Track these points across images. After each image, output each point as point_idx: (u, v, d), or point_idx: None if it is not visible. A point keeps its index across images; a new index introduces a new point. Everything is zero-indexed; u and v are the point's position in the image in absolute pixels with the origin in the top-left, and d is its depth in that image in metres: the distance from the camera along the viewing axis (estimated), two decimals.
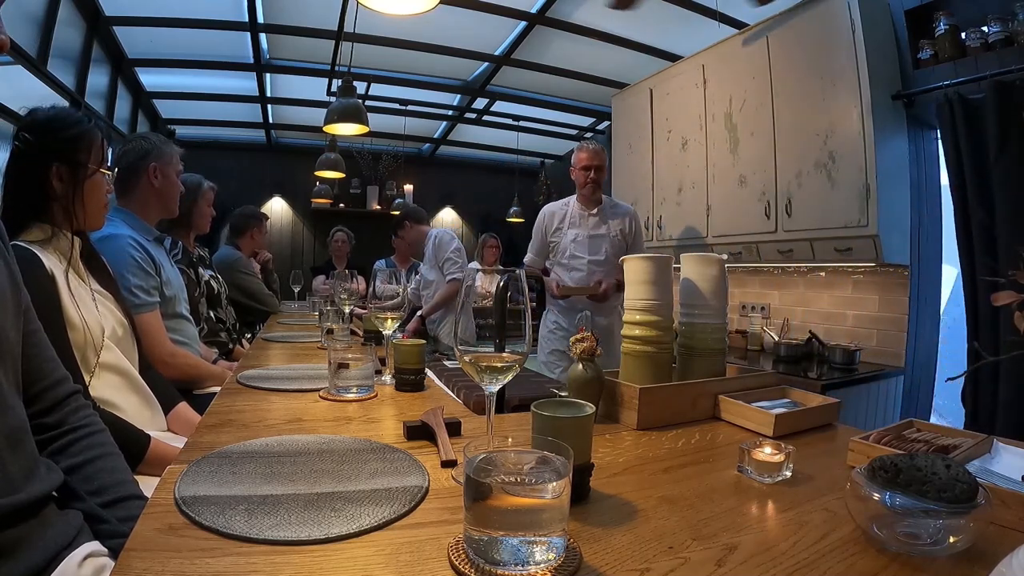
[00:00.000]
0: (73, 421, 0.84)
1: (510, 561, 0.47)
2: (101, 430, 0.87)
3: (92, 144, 1.14)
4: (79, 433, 0.83)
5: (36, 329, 0.82)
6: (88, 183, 1.14)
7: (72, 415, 0.85)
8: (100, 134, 1.16)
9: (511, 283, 0.69)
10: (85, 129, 1.14)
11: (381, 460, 0.74)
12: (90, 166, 1.13)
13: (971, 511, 0.51)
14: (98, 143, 1.15)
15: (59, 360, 0.87)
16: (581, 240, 2.56)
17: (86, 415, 0.87)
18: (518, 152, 5.81)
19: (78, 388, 0.89)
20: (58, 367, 0.86)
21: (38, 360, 0.82)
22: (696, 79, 3.19)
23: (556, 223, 2.62)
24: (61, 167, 1.10)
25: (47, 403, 0.82)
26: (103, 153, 1.17)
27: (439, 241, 3.17)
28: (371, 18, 2.67)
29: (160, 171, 1.70)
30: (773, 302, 3.13)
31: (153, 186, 1.69)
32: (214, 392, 1.48)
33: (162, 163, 1.71)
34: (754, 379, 1.13)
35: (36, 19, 2.59)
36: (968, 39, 2.12)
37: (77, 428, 0.84)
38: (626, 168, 3.83)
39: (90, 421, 0.87)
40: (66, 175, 1.11)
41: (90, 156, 1.14)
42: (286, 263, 5.38)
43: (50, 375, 0.83)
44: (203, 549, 0.50)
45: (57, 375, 0.85)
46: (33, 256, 1.02)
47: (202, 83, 4.29)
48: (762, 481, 0.71)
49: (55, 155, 1.10)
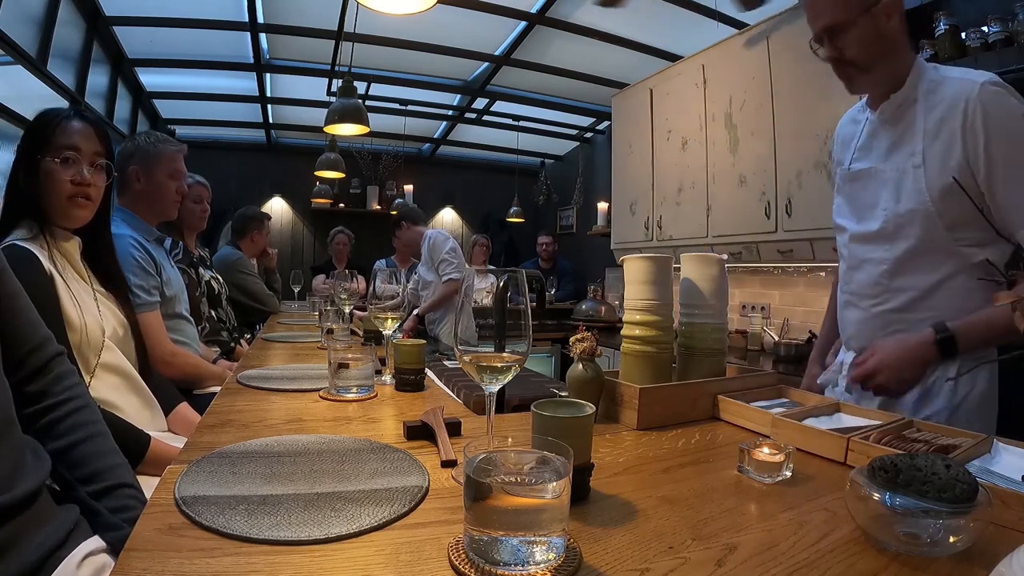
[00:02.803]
0: (57, 392, 0.82)
1: (510, 561, 0.47)
2: (86, 405, 0.85)
3: (45, 134, 1.10)
4: (64, 409, 0.81)
5: (12, 293, 0.79)
6: (42, 175, 1.09)
7: (55, 384, 0.82)
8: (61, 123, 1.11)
9: (511, 283, 0.69)
10: (44, 121, 1.12)
11: (381, 460, 0.74)
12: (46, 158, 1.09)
13: (971, 511, 0.51)
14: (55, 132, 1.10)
15: (41, 322, 0.84)
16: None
17: (70, 384, 0.85)
18: (518, 152, 5.81)
19: (61, 350, 0.86)
20: (38, 328, 0.83)
21: (15, 324, 0.79)
22: (696, 79, 3.18)
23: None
24: (22, 162, 1.10)
25: (29, 369, 0.80)
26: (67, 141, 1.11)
27: (434, 242, 3.19)
28: (371, 18, 2.67)
29: (141, 174, 1.67)
30: (773, 302, 3.13)
31: (135, 189, 1.67)
32: (214, 392, 1.48)
33: (145, 165, 1.67)
34: (754, 379, 1.13)
35: (36, 19, 2.59)
36: (968, 39, 2.11)
37: (62, 403, 0.81)
38: (626, 168, 3.83)
39: (74, 393, 0.84)
40: (23, 167, 1.10)
41: (45, 146, 1.10)
42: (286, 263, 5.37)
43: (30, 339, 0.81)
44: (203, 549, 0.50)
45: (37, 338, 0.82)
46: (31, 256, 1.03)
47: (202, 83, 4.29)
48: (762, 481, 0.71)
49: (20, 151, 1.10)
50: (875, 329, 1.16)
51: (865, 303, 1.18)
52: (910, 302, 1.10)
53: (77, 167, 1.12)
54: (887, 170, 1.12)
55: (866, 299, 1.17)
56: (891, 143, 1.13)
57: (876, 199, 1.14)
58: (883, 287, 1.14)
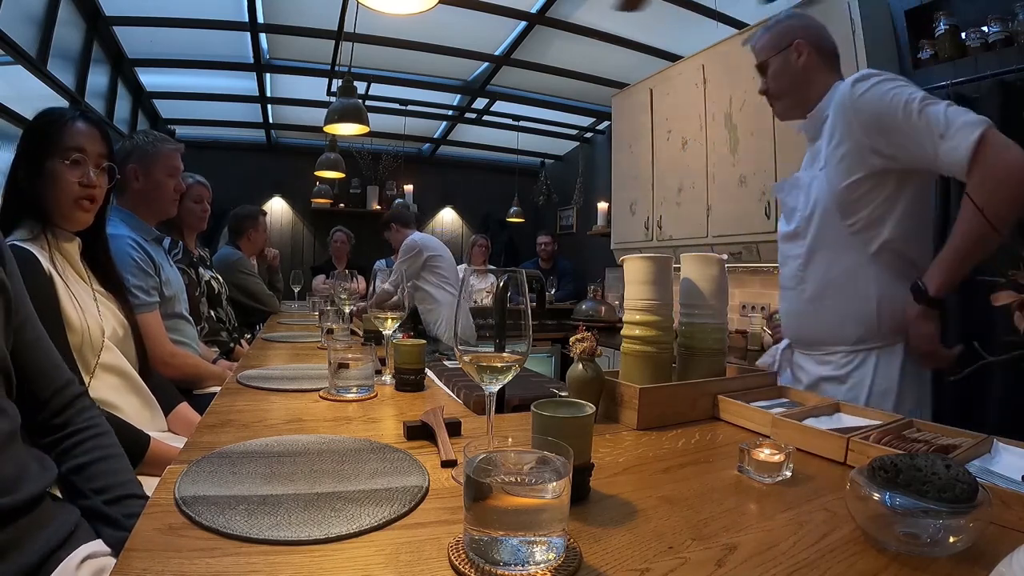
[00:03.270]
0: (79, 422, 0.85)
1: (510, 561, 0.47)
2: (106, 431, 0.89)
3: (48, 135, 1.09)
4: (85, 434, 0.85)
5: (39, 336, 0.83)
6: (47, 176, 1.09)
7: (77, 416, 0.86)
8: (68, 124, 1.11)
9: (511, 283, 0.69)
10: (45, 121, 1.11)
11: (381, 460, 0.74)
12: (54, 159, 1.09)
13: (971, 511, 0.51)
14: (62, 134, 1.10)
15: (64, 365, 0.88)
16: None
17: (91, 416, 0.88)
18: (518, 152, 5.81)
19: (83, 390, 0.90)
20: (63, 372, 0.87)
21: (45, 366, 0.83)
22: (696, 79, 3.18)
23: None
24: (22, 161, 1.10)
25: (55, 408, 0.83)
26: (74, 143, 1.11)
27: (403, 248, 3.24)
28: (371, 18, 2.67)
29: (139, 173, 1.66)
30: (773, 302, 3.13)
31: (134, 188, 1.66)
32: (214, 392, 1.48)
33: (143, 164, 1.66)
34: (754, 379, 1.13)
35: (36, 19, 2.59)
36: (968, 39, 2.11)
37: (83, 429, 0.85)
38: (626, 168, 3.83)
39: (95, 422, 0.88)
40: (24, 167, 1.10)
41: (50, 147, 1.09)
42: (286, 263, 5.36)
43: (57, 381, 0.85)
44: (203, 549, 0.50)
45: (63, 380, 0.86)
46: (31, 256, 1.02)
47: (202, 83, 4.29)
48: (762, 481, 0.71)
49: (20, 151, 1.10)
50: (798, 316, 1.33)
51: (789, 294, 1.36)
52: (820, 290, 1.26)
53: (84, 169, 1.12)
54: (803, 178, 1.32)
55: (789, 290, 1.35)
56: (811, 156, 1.33)
57: (796, 204, 1.33)
58: (799, 279, 1.31)
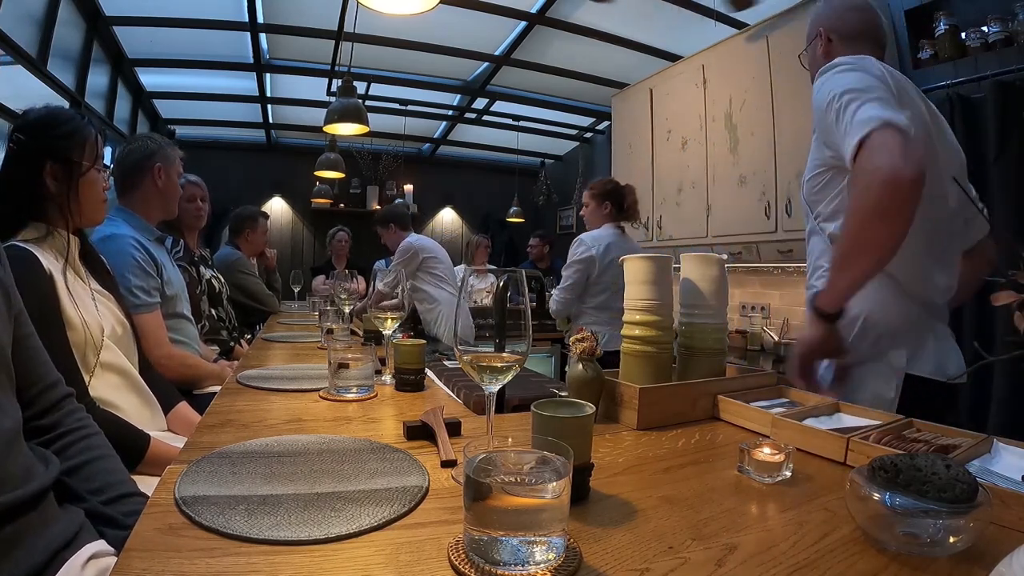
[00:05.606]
0: (68, 423, 0.84)
1: (510, 561, 0.47)
2: (96, 432, 0.88)
3: (85, 141, 1.14)
4: (75, 435, 0.83)
5: (30, 333, 0.82)
6: (83, 181, 1.14)
7: (67, 417, 0.85)
8: (94, 131, 1.17)
9: (511, 283, 0.69)
10: (77, 126, 1.14)
11: (381, 460, 0.74)
12: (84, 163, 1.13)
13: (971, 511, 0.51)
14: (92, 140, 1.15)
15: (52, 364, 0.87)
16: None
17: (80, 417, 0.87)
18: (518, 152, 5.81)
19: (71, 391, 0.89)
20: (51, 371, 0.86)
21: (33, 364, 0.82)
22: (696, 79, 3.19)
23: None
24: (55, 165, 1.10)
25: (42, 406, 0.82)
26: (98, 150, 1.17)
27: (399, 250, 3.21)
28: (371, 18, 2.67)
29: (164, 171, 1.72)
30: (773, 302, 3.13)
31: (156, 186, 1.71)
32: (214, 392, 1.48)
33: (166, 164, 1.72)
34: (754, 379, 1.13)
35: (36, 19, 2.59)
36: (968, 39, 2.12)
37: (73, 430, 0.84)
38: (626, 168, 3.83)
39: (85, 423, 0.87)
40: (60, 173, 1.11)
41: (84, 153, 1.14)
42: (286, 263, 5.37)
43: (44, 379, 0.83)
44: (203, 549, 0.50)
45: (50, 379, 0.85)
46: (30, 256, 1.02)
47: (202, 83, 4.29)
48: (762, 481, 0.71)
49: (48, 154, 1.10)
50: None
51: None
52: (808, 276, 1.36)
53: (104, 174, 1.22)
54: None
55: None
56: None
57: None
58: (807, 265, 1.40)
